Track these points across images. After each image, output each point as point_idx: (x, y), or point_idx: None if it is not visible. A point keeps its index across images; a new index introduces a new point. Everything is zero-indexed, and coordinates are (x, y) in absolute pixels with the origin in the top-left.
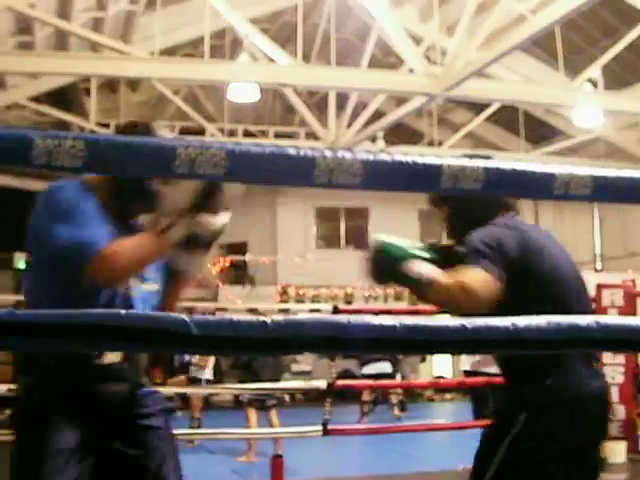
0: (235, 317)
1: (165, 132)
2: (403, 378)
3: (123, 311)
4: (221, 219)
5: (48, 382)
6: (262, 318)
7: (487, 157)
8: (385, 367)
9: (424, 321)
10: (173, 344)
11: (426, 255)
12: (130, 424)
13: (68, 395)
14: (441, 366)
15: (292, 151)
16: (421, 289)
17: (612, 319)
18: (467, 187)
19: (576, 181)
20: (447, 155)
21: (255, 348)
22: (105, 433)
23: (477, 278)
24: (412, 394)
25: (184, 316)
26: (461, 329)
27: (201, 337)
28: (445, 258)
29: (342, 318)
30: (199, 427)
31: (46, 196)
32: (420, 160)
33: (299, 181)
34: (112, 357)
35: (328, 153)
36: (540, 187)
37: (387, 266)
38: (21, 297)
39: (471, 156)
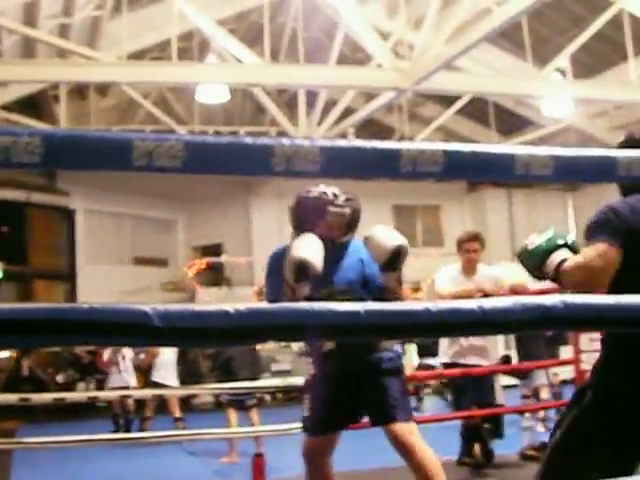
0: (197, 307)
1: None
2: None
3: (86, 305)
4: (392, 242)
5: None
6: (224, 307)
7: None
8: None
9: (390, 306)
10: (135, 336)
11: (569, 240)
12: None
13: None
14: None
15: (249, 140)
16: (558, 280)
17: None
18: (427, 170)
19: (536, 161)
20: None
21: (219, 338)
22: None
23: (592, 253)
24: None
25: (146, 307)
26: (426, 313)
27: (164, 329)
28: None
29: (306, 305)
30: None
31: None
32: (379, 145)
33: (258, 170)
34: (328, 345)
35: (286, 141)
36: (501, 168)
37: (533, 262)
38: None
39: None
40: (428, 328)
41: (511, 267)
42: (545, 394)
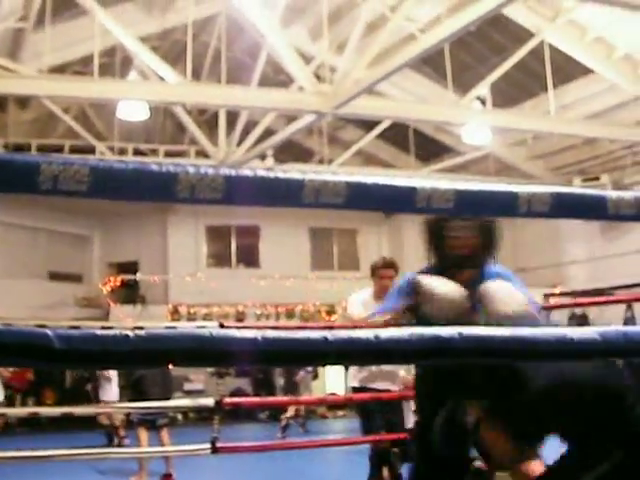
0: (98, 330)
1: None
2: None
3: None
4: (506, 309)
5: None
6: (124, 331)
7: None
8: None
9: (287, 334)
10: (36, 358)
11: None
12: None
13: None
14: (334, 383)
15: (154, 167)
16: None
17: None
18: (329, 201)
19: (439, 195)
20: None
21: (119, 361)
22: None
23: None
24: (305, 411)
25: (47, 330)
26: (322, 341)
27: (64, 351)
28: None
29: (205, 331)
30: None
31: None
32: (282, 175)
33: (162, 196)
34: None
35: (191, 169)
36: (403, 201)
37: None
38: None
39: None
40: (325, 356)
41: None
42: None
